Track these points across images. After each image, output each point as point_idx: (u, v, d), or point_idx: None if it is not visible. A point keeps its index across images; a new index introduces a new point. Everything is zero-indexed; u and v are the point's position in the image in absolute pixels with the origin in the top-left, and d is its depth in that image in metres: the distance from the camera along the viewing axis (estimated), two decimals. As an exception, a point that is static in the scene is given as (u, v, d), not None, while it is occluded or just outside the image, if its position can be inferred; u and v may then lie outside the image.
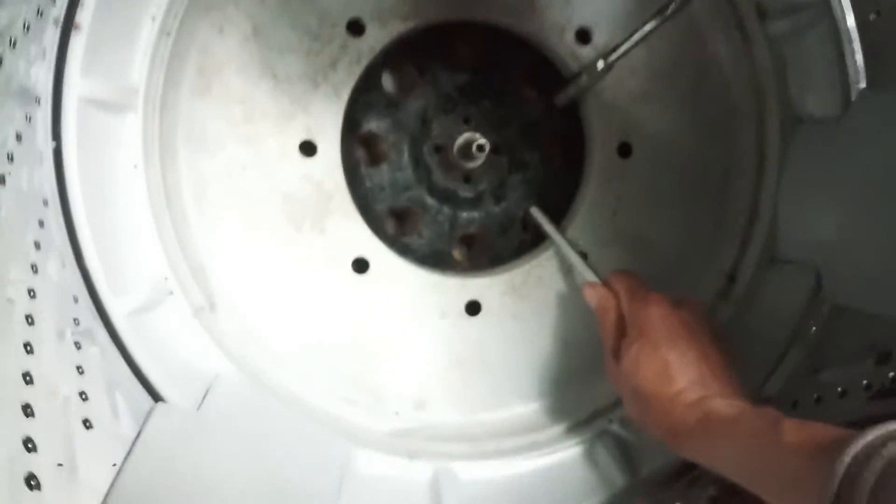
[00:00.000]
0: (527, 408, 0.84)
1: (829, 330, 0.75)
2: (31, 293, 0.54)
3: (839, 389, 0.70)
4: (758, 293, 0.83)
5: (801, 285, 0.77)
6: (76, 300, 0.62)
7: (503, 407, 0.84)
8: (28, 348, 0.49)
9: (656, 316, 0.70)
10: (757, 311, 0.82)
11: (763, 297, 0.82)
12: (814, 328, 0.76)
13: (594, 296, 0.76)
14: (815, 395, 0.72)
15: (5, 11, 0.54)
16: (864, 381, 0.68)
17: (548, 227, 0.82)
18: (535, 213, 0.84)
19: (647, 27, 0.72)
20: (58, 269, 0.61)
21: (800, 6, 0.78)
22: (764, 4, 0.81)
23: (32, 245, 0.57)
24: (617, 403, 0.82)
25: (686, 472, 0.76)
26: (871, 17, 0.74)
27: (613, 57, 0.75)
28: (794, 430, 0.53)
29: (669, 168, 0.84)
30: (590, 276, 0.78)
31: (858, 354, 0.70)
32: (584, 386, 0.84)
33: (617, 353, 0.72)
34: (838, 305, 0.75)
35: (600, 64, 0.76)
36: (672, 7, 0.70)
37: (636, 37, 0.73)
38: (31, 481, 0.44)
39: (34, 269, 0.56)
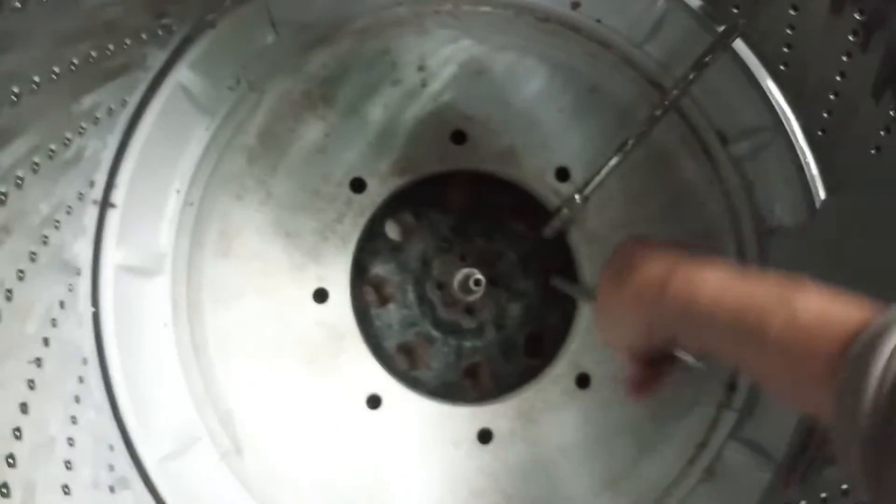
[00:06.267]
0: (546, 533, 0.86)
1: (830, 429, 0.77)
2: (70, 442, 0.60)
3: (843, 487, 0.71)
4: (758, 400, 0.85)
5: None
6: (112, 448, 0.68)
7: (523, 535, 0.86)
8: (66, 490, 0.55)
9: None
10: (758, 417, 0.84)
11: (763, 403, 0.85)
12: (814, 429, 0.78)
13: None
14: (822, 495, 0.73)
15: (50, 200, 0.64)
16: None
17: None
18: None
19: (612, 162, 0.80)
20: (95, 420, 0.67)
21: (756, 129, 0.86)
22: (724, 130, 0.89)
23: (73, 399, 0.64)
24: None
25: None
26: (819, 133, 0.81)
27: (587, 191, 0.83)
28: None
29: (658, 286, 0.90)
30: None
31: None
32: (602, 504, 0.86)
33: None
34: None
35: (577, 198, 0.83)
36: (630, 143, 0.78)
37: (604, 171, 0.80)
38: None
39: (73, 420, 0.62)
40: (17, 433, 0.51)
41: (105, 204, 0.74)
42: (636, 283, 0.58)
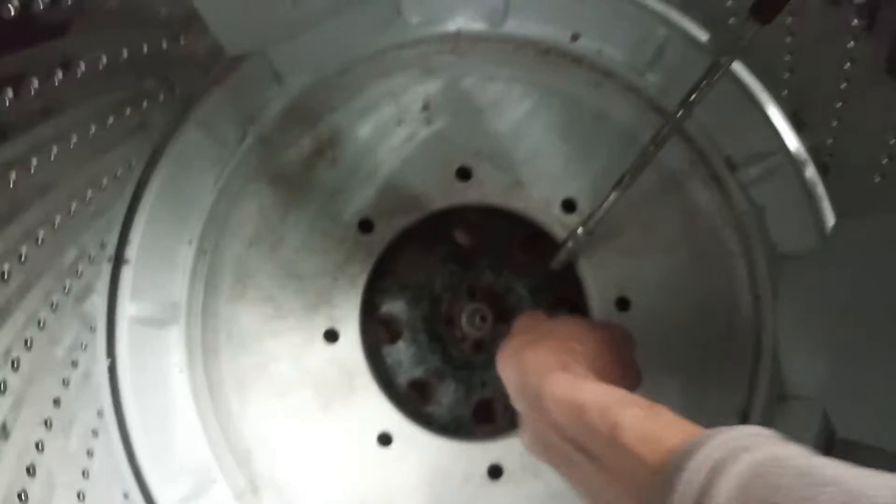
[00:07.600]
0: (561, 567, 0.86)
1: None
2: (80, 496, 0.63)
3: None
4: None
5: (809, 421, 0.78)
6: (126, 496, 0.72)
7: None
8: (73, 546, 0.58)
9: None
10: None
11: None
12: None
13: None
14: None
15: (61, 263, 0.68)
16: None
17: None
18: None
19: (612, 197, 0.79)
20: (110, 469, 0.71)
21: (763, 154, 0.84)
22: (732, 156, 0.87)
23: (85, 454, 0.68)
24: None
25: None
26: (826, 159, 0.79)
27: (591, 224, 0.82)
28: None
29: (670, 316, 0.89)
30: None
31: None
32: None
33: None
34: (846, 440, 0.75)
35: (580, 230, 0.83)
36: (625, 180, 0.77)
37: (605, 206, 0.80)
38: None
39: (85, 474, 0.66)
40: (23, 496, 0.55)
41: (118, 260, 0.78)
42: (522, 358, 0.63)
